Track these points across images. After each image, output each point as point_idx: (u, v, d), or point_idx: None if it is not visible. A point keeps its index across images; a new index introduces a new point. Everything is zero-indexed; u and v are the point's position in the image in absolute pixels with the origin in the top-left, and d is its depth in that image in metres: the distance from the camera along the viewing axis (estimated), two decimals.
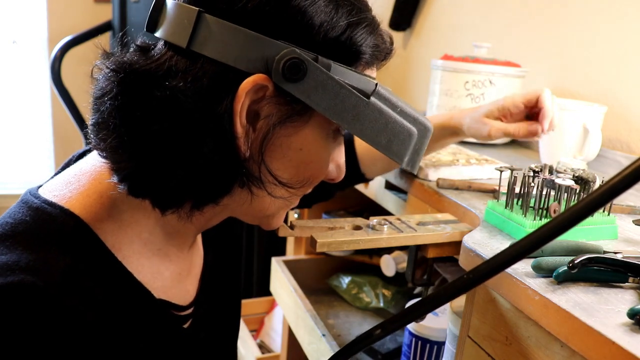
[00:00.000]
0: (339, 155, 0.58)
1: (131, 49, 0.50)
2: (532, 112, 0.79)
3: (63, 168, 0.57)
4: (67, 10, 2.80)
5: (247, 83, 0.45)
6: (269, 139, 0.49)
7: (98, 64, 0.50)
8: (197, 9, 0.46)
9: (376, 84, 0.50)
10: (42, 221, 0.48)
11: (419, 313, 0.48)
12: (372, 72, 0.53)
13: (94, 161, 0.54)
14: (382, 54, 0.52)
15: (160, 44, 0.49)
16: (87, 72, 0.50)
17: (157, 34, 0.49)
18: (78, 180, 0.52)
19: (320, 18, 0.47)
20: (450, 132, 0.82)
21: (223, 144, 0.47)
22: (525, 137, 0.77)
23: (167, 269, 0.57)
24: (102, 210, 0.50)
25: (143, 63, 0.47)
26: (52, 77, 2.21)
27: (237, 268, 0.76)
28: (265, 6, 0.46)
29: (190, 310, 0.61)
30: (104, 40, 2.40)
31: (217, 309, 0.68)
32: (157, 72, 0.46)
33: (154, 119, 0.46)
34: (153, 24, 0.50)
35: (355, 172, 0.88)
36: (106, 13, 2.46)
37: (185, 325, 0.60)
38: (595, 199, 0.35)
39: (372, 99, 0.49)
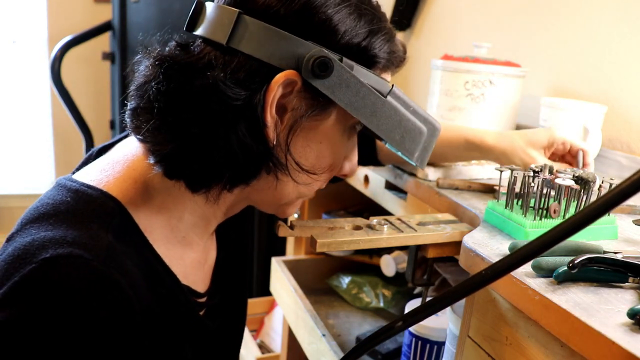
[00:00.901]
0: (353, 156, 0.63)
1: (169, 47, 0.54)
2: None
3: (82, 165, 0.60)
4: (67, 10, 2.80)
5: (280, 77, 0.51)
6: (295, 129, 0.54)
7: (138, 58, 0.54)
8: (237, 10, 0.51)
9: (392, 85, 0.56)
10: (83, 201, 0.50)
11: (431, 311, 0.50)
12: (387, 76, 0.59)
13: (125, 150, 0.57)
14: (397, 60, 0.58)
15: (198, 41, 0.54)
16: (87, 72, 0.52)
17: (197, 32, 0.54)
18: (112, 168, 0.55)
19: (344, 25, 0.52)
20: (479, 151, 0.79)
21: (254, 130, 0.51)
22: None
23: (188, 256, 0.60)
24: (137, 195, 0.54)
25: (184, 56, 0.52)
26: (52, 77, 2.20)
27: (245, 268, 0.78)
28: (297, 12, 0.51)
29: (204, 299, 0.63)
30: (104, 40, 2.40)
31: (228, 302, 0.70)
32: (197, 64, 0.51)
33: (196, 103, 0.50)
34: (192, 24, 0.55)
35: (373, 158, 0.91)
36: (106, 13, 2.45)
37: (201, 313, 0.62)
38: (613, 196, 0.35)
39: (389, 97, 0.55)
